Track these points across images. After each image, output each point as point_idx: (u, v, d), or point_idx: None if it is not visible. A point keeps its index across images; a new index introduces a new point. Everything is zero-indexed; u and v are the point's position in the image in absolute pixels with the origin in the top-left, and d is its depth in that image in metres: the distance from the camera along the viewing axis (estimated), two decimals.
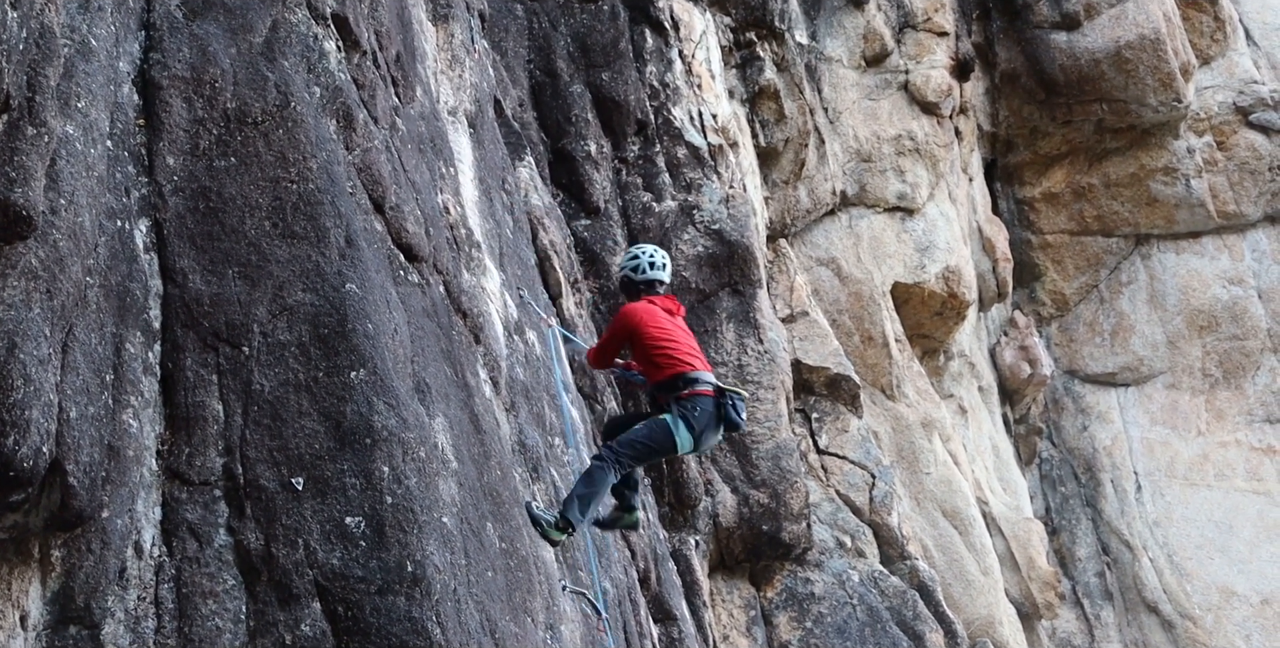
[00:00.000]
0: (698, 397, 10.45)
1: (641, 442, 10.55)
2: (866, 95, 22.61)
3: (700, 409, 10.41)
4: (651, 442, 10.52)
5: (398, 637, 6.80)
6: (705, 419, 10.34)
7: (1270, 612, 25.05)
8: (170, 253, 7.43)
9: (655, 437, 10.51)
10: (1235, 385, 27.87)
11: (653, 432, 10.55)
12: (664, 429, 10.41)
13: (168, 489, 6.88)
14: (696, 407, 10.41)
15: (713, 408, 10.41)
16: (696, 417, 10.34)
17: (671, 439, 10.33)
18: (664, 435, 10.39)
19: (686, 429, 10.27)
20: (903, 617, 16.72)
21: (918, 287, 21.59)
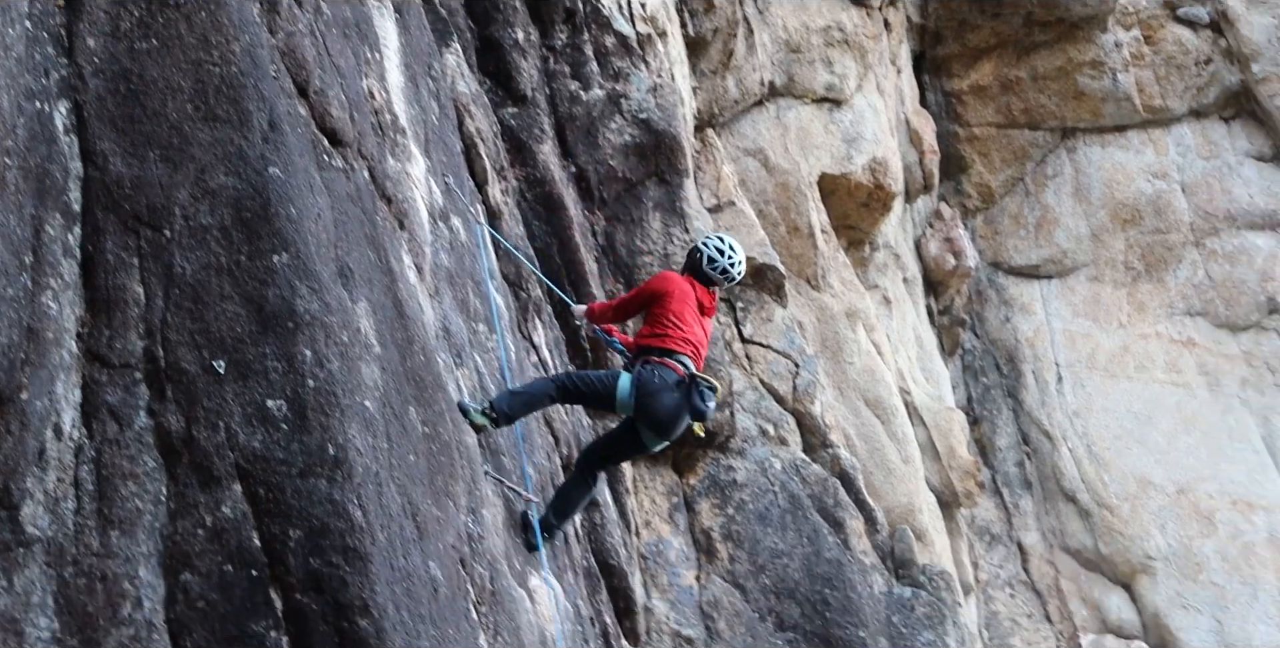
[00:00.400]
0: (664, 368, 10.56)
1: (593, 377, 10.99)
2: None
3: (659, 376, 10.50)
4: (598, 383, 10.78)
5: (319, 519, 6.82)
6: (658, 386, 10.46)
7: (1185, 502, 25.39)
8: (91, 135, 7.35)
9: (604, 380, 10.74)
10: (1157, 279, 28.08)
11: (605, 376, 10.81)
12: (614, 379, 10.59)
13: (88, 371, 6.85)
14: (656, 373, 10.53)
15: (673, 386, 10.49)
16: (649, 379, 10.46)
17: (613, 389, 10.51)
18: (610, 383, 10.62)
19: (630, 388, 10.40)
20: (824, 504, 16.86)
21: (844, 178, 21.60)
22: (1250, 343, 27.47)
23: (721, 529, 15.78)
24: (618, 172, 16.47)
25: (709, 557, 15.62)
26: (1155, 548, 24.93)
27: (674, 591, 15.00)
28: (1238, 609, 24.20)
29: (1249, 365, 27.18)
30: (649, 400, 10.39)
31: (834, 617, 15.43)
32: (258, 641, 6.47)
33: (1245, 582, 24.47)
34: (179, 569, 6.56)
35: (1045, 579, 25.31)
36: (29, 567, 6.27)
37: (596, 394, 10.79)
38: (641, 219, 16.54)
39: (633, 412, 10.57)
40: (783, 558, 15.68)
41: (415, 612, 7.25)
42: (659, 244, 16.50)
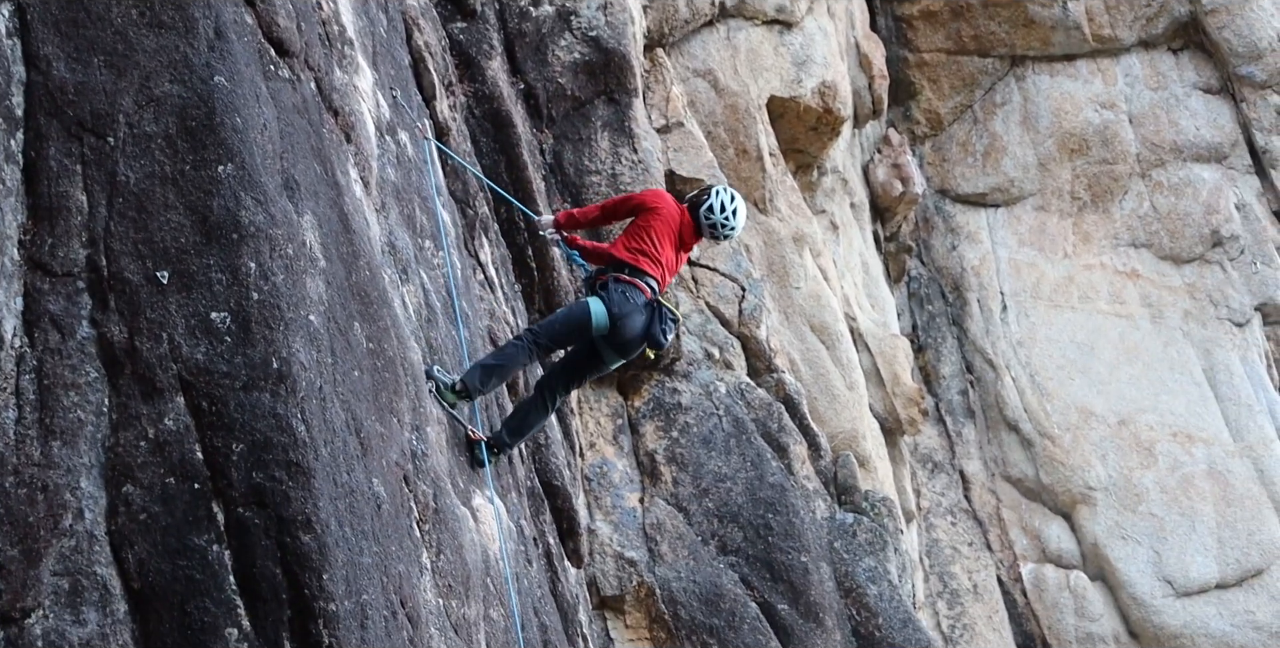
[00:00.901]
0: (632, 287, 10.63)
1: (559, 320, 11.01)
2: None
3: (629, 298, 10.61)
4: (570, 319, 10.91)
5: (261, 433, 6.81)
6: (629, 308, 10.54)
7: (1126, 432, 25.58)
8: (34, 39, 7.28)
9: (573, 313, 10.87)
10: (1103, 209, 28.17)
11: (571, 310, 10.98)
12: (582, 306, 10.69)
13: (30, 280, 6.81)
14: (626, 293, 10.60)
15: (642, 308, 10.57)
16: (621, 301, 10.52)
17: (588, 317, 10.53)
18: (581, 312, 10.69)
19: (602, 309, 10.47)
20: (768, 429, 16.93)
21: (793, 101, 21.53)
22: (1194, 275, 27.61)
23: (665, 452, 15.82)
24: (566, 90, 16.43)
25: (653, 480, 15.67)
26: (1095, 479, 25.12)
27: (617, 513, 15.06)
28: (1175, 541, 24.44)
29: (1192, 298, 27.34)
30: (621, 322, 10.47)
31: (776, 541, 15.52)
32: (199, 554, 6.47)
33: (1184, 514, 24.70)
34: (121, 481, 6.54)
35: (986, 508, 25.49)
36: None
37: (572, 331, 10.81)
38: (590, 138, 16.52)
39: (606, 332, 10.58)
40: (726, 482, 15.75)
41: (358, 528, 7.26)
42: (607, 164, 16.49)
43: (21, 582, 6.18)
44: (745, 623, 14.76)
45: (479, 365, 10.60)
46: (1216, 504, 24.82)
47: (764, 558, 15.38)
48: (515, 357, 10.79)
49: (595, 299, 10.60)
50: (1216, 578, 24.17)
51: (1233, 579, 24.18)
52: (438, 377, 10.22)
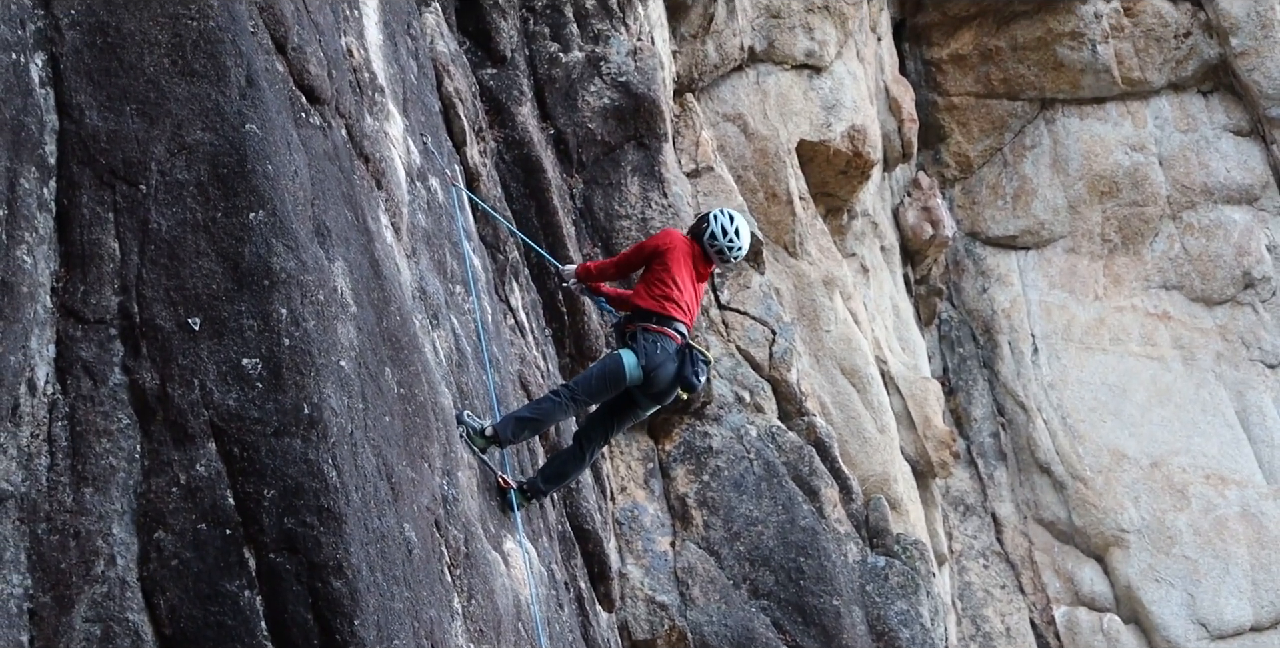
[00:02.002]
0: (663, 336, 10.72)
1: (595, 375, 11.00)
2: None
3: (660, 347, 10.69)
4: (604, 374, 10.88)
5: (293, 479, 6.81)
6: (662, 358, 10.64)
7: (1159, 475, 25.47)
8: (67, 88, 7.32)
9: (608, 368, 10.86)
10: (1133, 251, 28.12)
11: (605, 364, 10.97)
12: (616, 360, 10.72)
13: (62, 327, 6.83)
14: (657, 343, 10.70)
15: (674, 356, 10.64)
16: (653, 351, 10.61)
17: (621, 369, 10.59)
18: (616, 365, 10.71)
19: (635, 362, 10.52)
20: (799, 472, 16.89)
21: (823, 145, 21.56)
22: (1225, 317, 27.53)
23: (696, 496, 15.80)
24: (596, 135, 16.46)
25: (684, 523, 15.64)
26: (1128, 521, 25.01)
27: (649, 557, 15.02)
28: (1210, 583, 24.30)
29: (1224, 340, 27.26)
30: (655, 373, 10.56)
31: (808, 585, 15.47)
32: (231, 600, 6.46)
33: (1217, 556, 24.57)
34: (153, 527, 6.55)
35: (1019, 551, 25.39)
36: (1, 523, 6.26)
37: (609, 385, 10.86)
38: (620, 183, 16.53)
39: (638, 381, 10.63)
40: (757, 526, 15.72)
41: (389, 573, 7.25)
42: (637, 208, 16.50)
43: (54, 629, 6.19)
44: None
45: (514, 418, 10.61)
46: (1250, 547, 24.68)
47: (796, 602, 15.32)
48: (552, 413, 10.84)
49: (628, 351, 10.63)
50: (1251, 621, 24.03)
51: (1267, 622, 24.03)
52: (468, 422, 10.24)
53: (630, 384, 10.66)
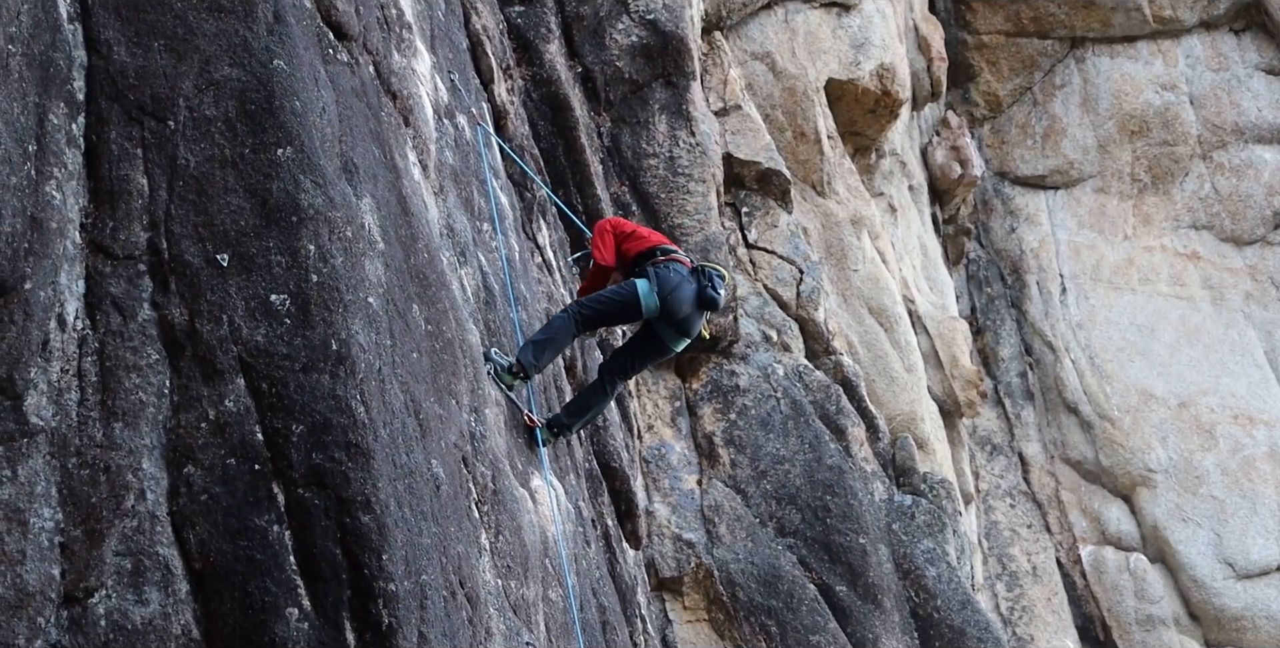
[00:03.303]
0: (672, 262, 10.74)
1: (607, 297, 10.91)
2: None
3: (673, 270, 10.66)
4: (617, 295, 10.87)
5: (321, 414, 6.83)
6: (676, 280, 10.61)
7: (1187, 415, 25.46)
8: (95, 23, 7.31)
9: (621, 294, 10.82)
10: (1163, 191, 28.03)
11: (619, 290, 10.84)
12: (631, 288, 10.69)
13: (91, 262, 6.84)
14: (669, 268, 10.66)
15: (689, 277, 10.61)
16: (665, 275, 10.60)
17: (637, 299, 10.58)
18: (630, 294, 10.68)
19: (650, 289, 10.48)
20: (826, 411, 16.92)
21: (852, 83, 21.47)
22: (1255, 257, 27.47)
23: (723, 434, 15.83)
24: (624, 73, 16.43)
25: (710, 462, 15.67)
26: (1155, 461, 25.02)
27: (675, 495, 15.07)
28: (1236, 523, 24.32)
29: (1253, 280, 27.19)
30: (672, 295, 10.50)
31: (834, 523, 15.51)
32: (260, 534, 6.50)
33: (1245, 496, 24.58)
34: (182, 462, 6.58)
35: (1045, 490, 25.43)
36: (33, 458, 6.29)
37: (618, 309, 10.86)
38: (648, 121, 16.51)
39: (658, 312, 10.56)
40: (784, 464, 15.75)
41: (417, 509, 7.28)
42: (664, 147, 16.48)
43: (85, 562, 6.23)
44: (804, 604, 14.76)
45: (529, 343, 10.63)
46: (1278, 487, 24.67)
47: (822, 540, 15.37)
48: (562, 329, 10.78)
49: (642, 280, 10.59)
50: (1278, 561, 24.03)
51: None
52: (496, 359, 10.25)
53: (649, 314, 10.61)
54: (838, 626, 14.90)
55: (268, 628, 6.39)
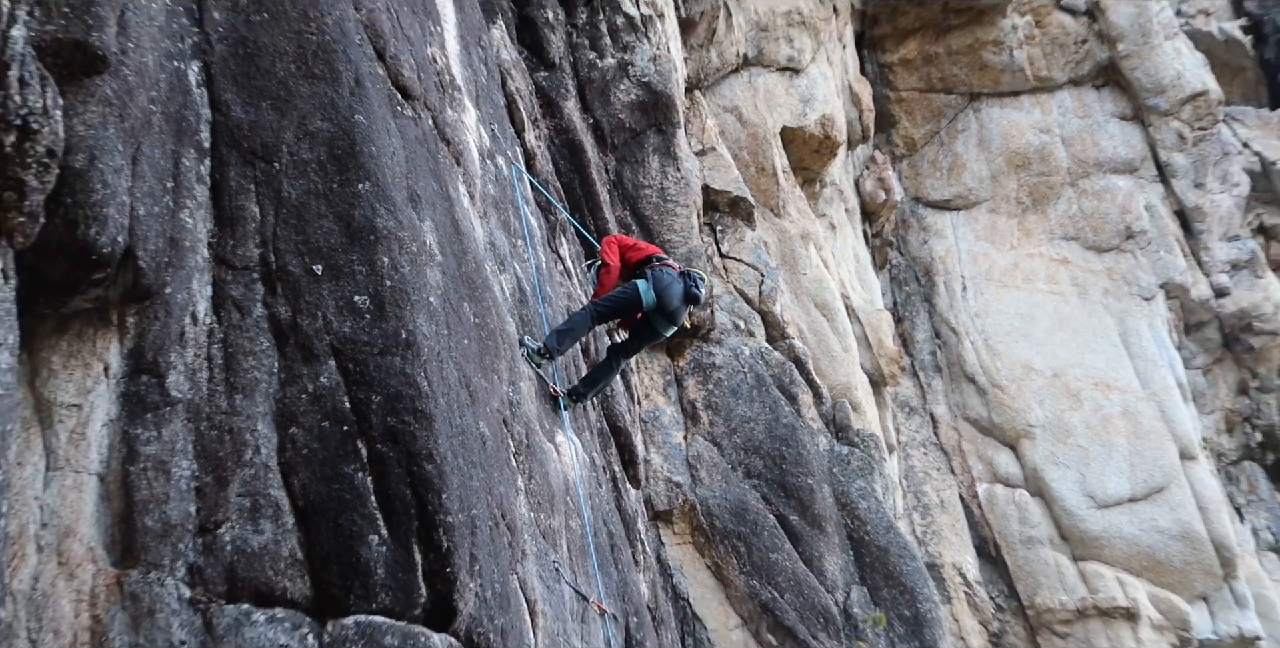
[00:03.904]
0: (665, 267, 10.97)
1: (615, 296, 11.10)
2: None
3: (666, 273, 10.84)
4: (623, 295, 11.03)
5: (394, 387, 6.85)
6: (668, 280, 10.88)
7: (1059, 383, 25.46)
8: (217, 88, 7.33)
9: (627, 292, 10.99)
10: (1040, 211, 28.05)
11: (625, 290, 10.99)
12: (634, 288, 10.87)
13: (216, 272, 6.86)
14: (664, 272, 10.81)
15: (678, 278, 10.80)
16: (660, 277, 10.84)
17: (638, 296, 10.77)
18: (633, 292, 10.85)
19: (649, 288, 10.63)
20: (781, 382, 16.93)
21: (800, 130, 21.48)
22: (1111, 261, 27.46)
23: (703, 400, 15.85)
24: (625, 123, 16.44)
25: (693, 422, 15.69)
26: (1034, 418, 25.04)
27: (666, 447, 15.09)
28: (1096, 466, 24.33)
29: (1110, 279, 27.19)
30: (665, 292, 10.70)
31: (788, 468, 15.53)
32: (348, 480, 6.52)
33: (1103, 445, 24.58)
34: (288, 425, 6.60)
35: (950, 442, 25.42)
36: (173, 422, 6.31)
37: (625, 305, 10.99)
38: (644, 160, 16.52)
39: (655, 305, 10.70)
40: (750, 423, 15.76)
41: (468, 459, 7.30)
42: (656, 180, 16.49)
43: (214, 501, 6.26)
44: (765, 530, 14.79)
45: (555, 331, 10.70)
46: (1129, 438, 24.68)
47: (779, 481, 15.39)
48: (581, 322, 10.89)
49: (642, 281, 10.81)
50: (1128, 494, 24.06)
51: (1140, 495, 24.04)
52: (528, 344, 10.30)
53: (648, 307, 10.77)
54: (791, 546, 14.93)
55: (354, 551, 6.42)
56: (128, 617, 5.92)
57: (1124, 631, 22.72)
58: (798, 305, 19.75)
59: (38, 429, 6.12)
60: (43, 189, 5.57)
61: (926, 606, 16.01)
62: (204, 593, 6.09)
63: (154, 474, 6.17)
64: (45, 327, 6.24)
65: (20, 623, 5.78)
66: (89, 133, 5.91)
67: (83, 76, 5.94)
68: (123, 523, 6.09)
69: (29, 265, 5.83)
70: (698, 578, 14.51)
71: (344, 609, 6.33)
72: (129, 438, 6.21)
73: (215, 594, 6.11)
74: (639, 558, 12.62)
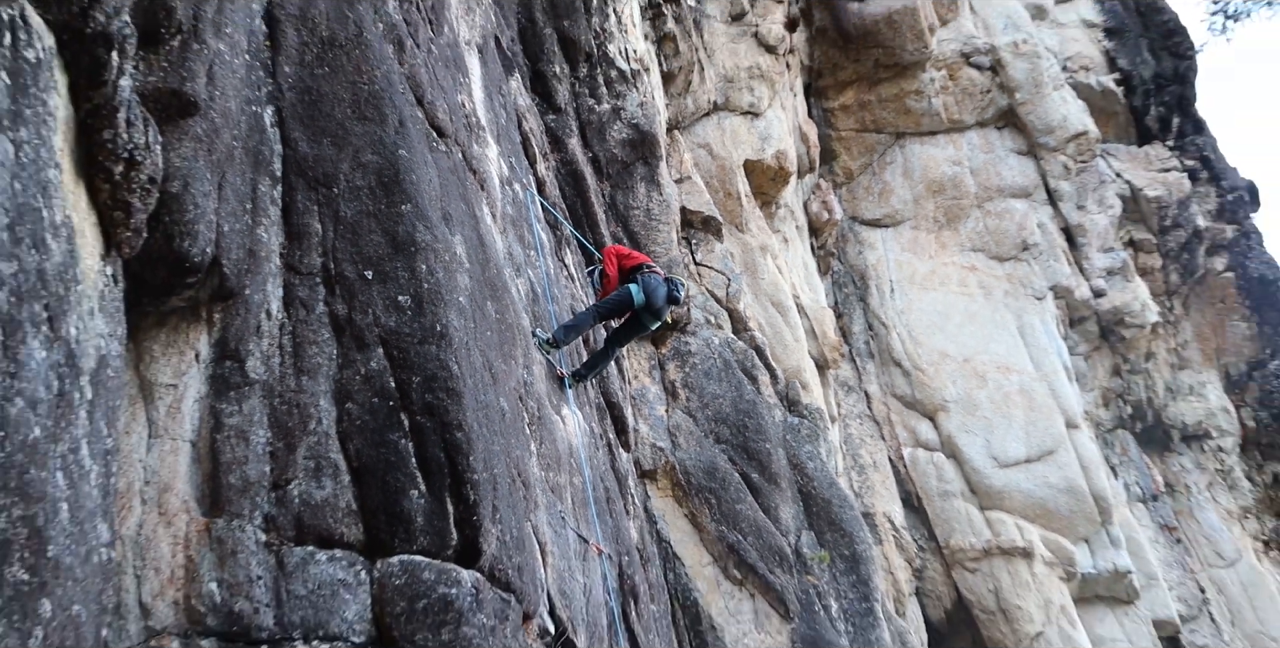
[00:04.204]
0: (653, 274, 11.03)
1: (612, 299, 11.16)
2: (730, 40, 22.22)
3: (652, 279, 10.90)
4: (619, 298, 11.09)
5: (430, 370, 6.85)
6: (654, 285, 10.97)
7: (968, 367, 25.50)
8: (287, 128, 7.32)
9: (620, 296, 11.09)
10: (953, 228, 28.07)
11: (619, 293, 11.08)
12: (626, 292, 10.96)
13: (286, 277, 6.86)
14: (651, 277, 10.89)
15: (662, 283, 10.88)
16: (648, 281, 10.95)
17: (630, 296, 10.84)
18: (625, 295, 10.96)
19: (639, 291, 10.71)
20: (745, 366, 16.94)
21: (759, 162, 21.49)
22: (1010, 268, 27.51)
23: (681, 381, 15.84)
24: (618, 157, 16.44)
25: (673, 398, 15.69)
26: (949, 395, 25.07)
27: (651, 418, 15.08)
28: (998, 434, 24.38)
29: (1009, 283, 27.24)
30: (652, 294, 10.73)
31: (750, 435, 15.54)
32: (394, 445, 6.52)
33: (1004, 417, 24.63)
34: (344, 401, 6.59)
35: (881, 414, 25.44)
36: (251, 398, 6.30)
37: (620, 305, 11.03)
38: (633, 186, 16.52)
39: (644, 304, 10.74)
40: (719, 399, 15.77)
41: (491, 428, 7.30)
42: (643, 202, 16.50)
43: (284, 462, 6.25)
44: (731, 486, 14.81)
45: (563, 326, 10.72)
46: (1025, 411, 24.73)
47: (743, 446, 15.40)
48: (585, 321, 10.92)
49: (633, 284, 10.85)
50: (1024, 456, 24.12)
51: (1034, 457, 24.10)
52: (539, 335, 10.30)
53: (638, 306, 10.83)
54: (752, 499, 14.94)
55: (398, 503, 6.42)
56: (214, 557, 5.91)
57: (1021, 567, 22.78)
58: (757, 304, 19.76)
59: (141, 405, 6.12)
60: (145, 210, 5.56)
61: (862, 546, 16.05)
62: (276, 538, 6.09)
63: (235, 441, 6.16)
64: (147, 322, 6.23)
65: (128, 562, 5.77)
66: (183, 164, 5.90)
67: (178, 118, 5.93)
68: (210, 481, 6.09)
69: (134, 272, 5.82)
70: (677, 525, 14.52)
71: (390, 551, 6.33)
72: (215, 412, 6.21)
73: (285, 538, 6.11)
74: (629, 508, 12.62)
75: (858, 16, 26.98)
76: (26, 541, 4.01)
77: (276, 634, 5.86)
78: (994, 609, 22.59)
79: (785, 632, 14.19)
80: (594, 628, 8.91)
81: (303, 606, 5.98)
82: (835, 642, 14.31)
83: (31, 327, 4.31)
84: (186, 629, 5.74)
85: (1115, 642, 23.63)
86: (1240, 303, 31.44)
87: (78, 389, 4.72)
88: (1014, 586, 22.58)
